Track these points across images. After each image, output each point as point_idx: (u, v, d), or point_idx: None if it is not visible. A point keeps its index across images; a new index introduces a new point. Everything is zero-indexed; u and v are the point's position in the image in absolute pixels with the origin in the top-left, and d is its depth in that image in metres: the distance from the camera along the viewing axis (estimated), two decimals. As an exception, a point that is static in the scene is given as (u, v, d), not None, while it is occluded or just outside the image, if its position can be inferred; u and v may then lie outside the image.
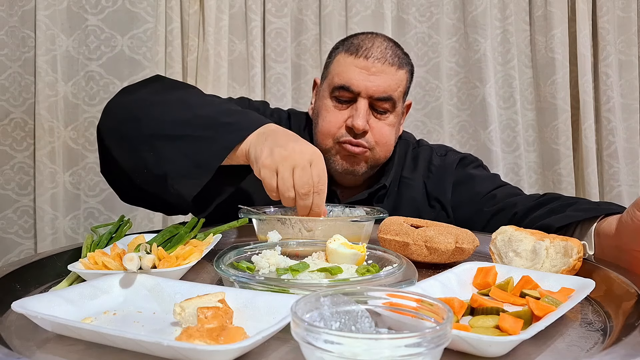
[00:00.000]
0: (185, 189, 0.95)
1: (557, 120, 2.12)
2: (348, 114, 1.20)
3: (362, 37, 1.24)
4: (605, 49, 2.13)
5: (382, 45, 1.21)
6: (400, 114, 1.28)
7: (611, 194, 2.13)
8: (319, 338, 0.44)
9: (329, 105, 1.22)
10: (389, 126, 1.23)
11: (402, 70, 1.22)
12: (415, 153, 1.37)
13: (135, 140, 0.98)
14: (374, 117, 1.21)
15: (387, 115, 1.22)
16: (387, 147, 1.25)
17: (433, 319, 0.50)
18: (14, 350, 0.55)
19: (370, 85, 1.17)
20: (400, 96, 1.24)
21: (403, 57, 1.25)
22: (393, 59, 1.20)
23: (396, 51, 1.23)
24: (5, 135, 1.92)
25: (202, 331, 0.52)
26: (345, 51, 1.22)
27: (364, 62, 1.18)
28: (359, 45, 1.20)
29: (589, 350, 0.56)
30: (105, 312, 0.65)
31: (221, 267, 0.72)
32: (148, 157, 0.97)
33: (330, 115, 1.21)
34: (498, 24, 2.13)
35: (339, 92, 1.19)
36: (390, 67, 1.19)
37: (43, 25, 1.88)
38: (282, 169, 0.90)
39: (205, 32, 1.95)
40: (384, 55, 1.19)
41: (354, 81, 1.17)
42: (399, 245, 0.88)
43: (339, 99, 1.20)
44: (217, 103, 1.06)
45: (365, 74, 1.17)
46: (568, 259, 0.77)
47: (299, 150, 0.91)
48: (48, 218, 1.90)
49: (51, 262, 0.85)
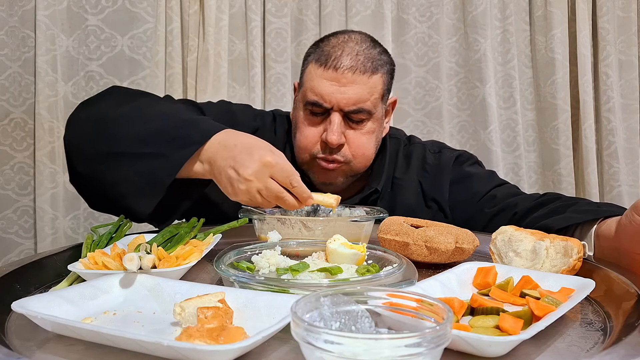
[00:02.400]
0: (140, 206, 0.96)
1: (557, 120, 2.12)
2: (323, 127, 1.17)
3: (333, 43, 1.19)
4: (605, 49, 2.13)
5: (352, 52, 1.16)
6: (381, 116, 1.23)
7: (611, 194, 2.13)
8: (319, 338, 0.44)
9: (304, 119, 1.19)
10: (366, 134, 1.19)
11: (376, 74, 1.17)
12: (407, 151, 1.33)
13: (94, 157, 1.00)
14: (349, 127, 1.17)
15: (363, 124, 1.18)
16: (366, 157, 1.21)
17: (433, 319, 0.50)
18: (14, 350, 0.55)
19: (341, 98, 1.14)
20: (377, 101, 1.19)
21: (378, 58, 1.20)
22: (365, 65, 1.16)
23: (369, 54, 1.18)
24: (5, 135, 1.92)
25: (202, 331, 0.52)
26: (315, 61, 1.18)
27: (333, 74, 1.14)
28: (329, 54, 1.16)
29: (589, 350, 0.56)
30: (105, 312, 0.65)
31: (221, 267, 0.72)
32: (106, 175, 0.98)
33: (306, 130, 1.19)
34: (498, 24, 2.13)
35: (312, 107, 1.17)
36: (362, 75, 1.15)
37: (43, 25, 1.88)
38: (249, 197, 0.91)
39: (205, 32, 1.95)
40: (354, 64, 1.15)
41: (325, 96, 1.14)
42: (399, 245, 0.88)
43: (312, 112, 1.18)
44: (169, 114, 1.05)
45: (336, 86, 1.14)
46: (568, 259, 0.77)
47: (253, 169, 0.90)
48: (48, 218, 1.90)
49: (51, 262, 0.85)
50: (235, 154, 0.92)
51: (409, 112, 2.13)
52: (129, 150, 0.97)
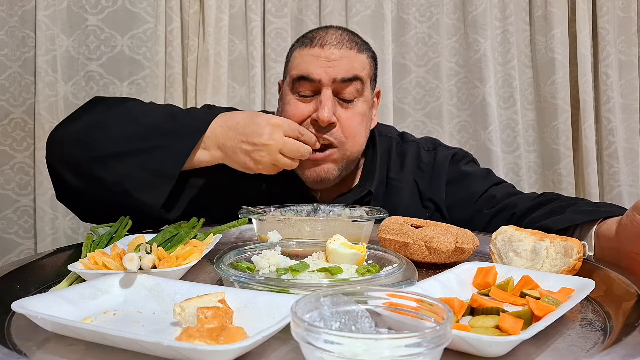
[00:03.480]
0: (150, 199, 0.98)
1: (557, 120, 2.12)
2: (313, 107, 1.11)
3: (315, 30, 1.19)
4: (605, 49, 2.13)
5: (336, 33, 1.15)
6: (370, 100, 1.19)
7: (611, 194, 2.13)
8: (319, 338, 0.44)
9: (291, 99, 1.13)
10: (358, 115, 1.13)
11: (362, 54, 1.15)
12: (400, 149, 1.30)
13: (88, 163, 1.00)
14: (340, 107, 1.12)
15: (355, 103, 1.13)
16: (358, 141, 1.15)
17: (433, 319, 0.50)
18: (13, 350, 0.56)
19: (330, 71, 1.09)
20: (367, 79, 1.15)
21: (362, 43, 1.18)
22: (351, 44, 1.13)
23: (353, 37, 1.17)
24: (5, 135, 1.92)
25: (202, 331, 0.52)
26: (300, 46, 1.15)
27: (319, 51, 1.10)
28: (313, 36, 1.14)
29: (589, 350, 0.56)
30: (105, 312, 0.65)
31: (221, 267, 0.72)
32: (105, 177, 0.99)
33: (292, 108, 1.12)
34: (498, 24, 2.13)
35: (300, 85, 1.11)
36: (349, 50, 1.11)
37: (43, 25, 1.88)
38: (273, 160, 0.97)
39: (205, 32, 1.95)
40: (340, 41, 1.12)
41: (312, 69, 1.09)
42: (399, 245, 0.88)
43: (301, 94, 1.12)
44: (162, 110, 1.08)
45: (324, 61, 1.09)
46: (568, 259, 0.77)
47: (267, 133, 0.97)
48: (48, 218, 1.90)
49: (51, 262, 0.85)
50: (242, 130, 0.96)
51: (409, 112, 2.13)
52: (129, 147, 0.98)
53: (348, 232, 0.89)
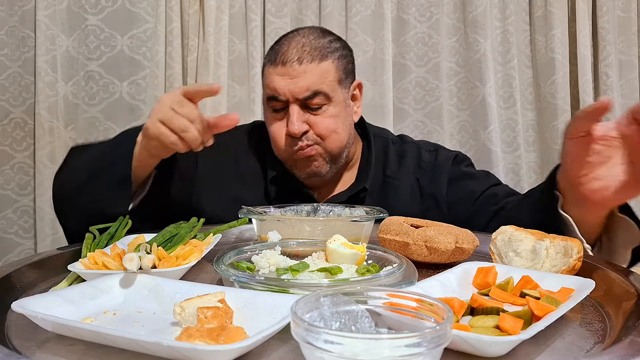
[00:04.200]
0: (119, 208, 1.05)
1: (557, 120, 2.12)
2: (286, 121, 1.20)
3: (282, 41, 1.23)
4: (605, 49, 2.13)
5: (298, 45, 1.19)
6: (343, 100, 1.23)
7: (611, 194, 2.12)
8: (319, 338, 0.44)
9: (269, 118, 1.24)
10: (330, 118, 1.20)
11: (325, 61, 1.19)
12: (400, 150, 1.34)
13: (71, 205, 1.14)
14: (311, 114, 1.19)
15: (324, 110, 1.19)
16: (338, 136, 1.21)
17: (433, 319, 0.50)
18: (13, 350, 0.56)
19: (293, 89, 1.17)
20: (334, 85, 1.20)
21: (326, 46, 1.21)
22: (312, 55, 1.18)
23: (316, 43, 1.20)
24: (5, 135, 1.92)
25: (202, 331, 0.52)
26: (268, 62, 1.23)
27: (282, 69, 1.18)
28: (277, 52, 1.21)
29: (589, 350, 0.56)
30: (105, 312, 0.65)
31: (221, 267, 0.72)
32: (83, 209, 1.09)
33: (273, 128, 1.22)
34: (498, 24, 2.13)
35: (271, 103, 1.20)
36: (310, 63, 1.18)
37: (43, 25, 1.88)
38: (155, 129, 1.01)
39: (205, 32, 1.95)
40: (300, 55, 1.18)
41: (278, 90, 1.18)
42: (399, 245, 0.88)
43: (274, 109, 1.21)
44: (108, 140, 1.23)
45: (287, 79, 1.17)
46: (568, 259, 0.77)
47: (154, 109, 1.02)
48: (48, 218, 1.90)
49: (51, 262, 0.85)
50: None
51: (409, 112, 2.13)
52: (84, 176, 1.10)
53: (348, 232, 0.89)
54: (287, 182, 1.26)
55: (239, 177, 1.28)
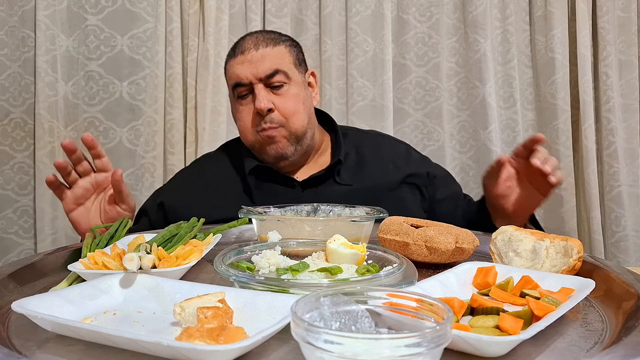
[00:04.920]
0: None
1: (557, 120, 2.12)
2: (253, 104, 1.27)
3: (237, 41, 1.33)
4: (605, 49, 2.13)
5: (252, 37, 1.30)
6: (302, 83, 1.32)
7: (611, 194, 2.13)
8: (319, 338, 0.44)
9: (237, 107, 1.31)
10: (292, 97, 1.28)
11: (279, 46, 1.29)
12: (374, 138, 1.44)
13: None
14: (274, 94, 1.27)
15: (285, 88, 1.28)
16: (298, 117, 1.28)
17: (433, 319, 0.50)
18: (13, 350, 0.56)
19: (254, 71, 1.25)
20: (291, 66, 1.29)
21: (278, 37, 1.32)
22: (266, 42, 1.29)
23: (267, 35, 1.31)
24: (5, 135, 1.92)
25: (202, 331, 0.52)
26: (228, 58, 1.32)
27: (241, 58, 1.27)
28: (235, 47, 1.31)
29: (589, 350, 0.56)
30: (105, 312, 0.65)
31: (221, 267, 0.72)
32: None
33: (240, 114, 1.30)
34: (498, 24, 2.13)
35: (237, 90, 1.28)
36: (265, 48, 1.27)
37: (43, 25, 1.88)
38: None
39: (205, 32, 1.95)
40: (255, 43, 1.28)
41: (240, 74, 1.26)
42: (399, 245, 0.88)
43: (240, 96, 1.29)
44: None
45: (247, 64, 1.26)
46: (568, 259, 0.77)
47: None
48: (48, 218, 1.90)
49: (51, 262, 0.85)
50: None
51: (409, 112, 2.13)
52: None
53: (348, 232, 0.89)
54: (264, 171, 1.32)
55: (213, 185, 1.35)
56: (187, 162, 1.96)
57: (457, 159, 2.15)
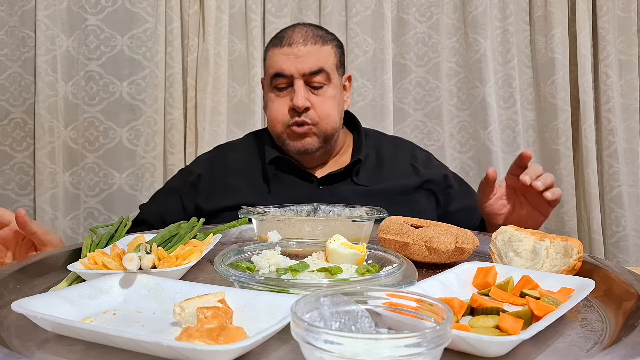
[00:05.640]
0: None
1: (557, 120, 2.12)
2: (290, 98, 1.29)
3: (284, 30, 1.34)
4: (605, 49, 2.13)
5: (302, 30, 1.30)
6: (340, 86, 1.34)
7: (611, 194, 2.13)
8: (319, 338, 0.44)
9: (272, 97, 1.32)
10: (329, 99, 1.30)
11: (327, 45, 1.31)
12: (394, 141, 1.46)
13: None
14: (312, 94, 1.29)
15: (324, 89, 1.29)
16: (332, 119, 1.31)
17: (433, 319, 0.50)
18: (13, 350, 0.55)
19: (299, 66, 1.26)
20: (333, 68, 1.31)
21: (326, 35, 1.33)
22: (315, 39, 1.29)
23: (317, 32, 1.32)
24: (5, 135, 1.92)
25: (202, 331, 0.52)
26: (272, 46, 1.31)
27: (288, 50, 1.27)
28: (282, 36, 1.31)
29: (589, 350, 0.56)
30: (105, 312, 0.65)
31: (221, 267, 0.72)
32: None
33: (274, 104, 1.31)
34: (498, 24, 2.13)
35: (276, 80, 1.29)
36: (314, 45, 1.28)
37: (43, 25, 1.88)
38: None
39: (205, 32, 1.95)
40: (305, 38, 1.28)
41: (284, 66, 1.27)
42: (399, 245, 0.88)
43: (278, 88, 1.29)
44: None
45: (293, 58, 1.27)
46: (568, 259, 0.77)
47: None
48: (48, 218, 1.90)
49: (51, 262, 0.85)
50: None
51: (409, 112, 2.13)
52: None
53: (348, 232, 0.89)
54: (284, 163, 1.33)
55: (235, 169, 1.35)
56: (187, 162, 1.96)
57: (457, 159, 2.15)
